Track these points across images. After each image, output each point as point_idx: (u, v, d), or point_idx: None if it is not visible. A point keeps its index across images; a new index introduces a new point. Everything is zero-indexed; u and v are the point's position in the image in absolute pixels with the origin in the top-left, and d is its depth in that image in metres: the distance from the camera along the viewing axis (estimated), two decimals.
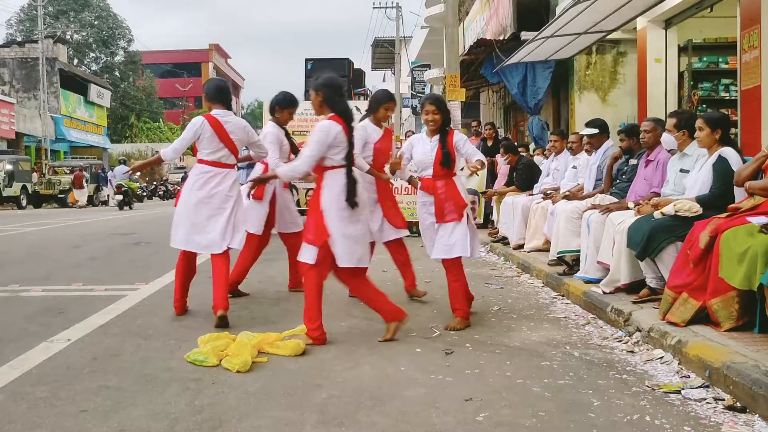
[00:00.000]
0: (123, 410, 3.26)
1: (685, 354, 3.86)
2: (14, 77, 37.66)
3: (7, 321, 5.26)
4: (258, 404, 3.34)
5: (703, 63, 10.30)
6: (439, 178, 5.14)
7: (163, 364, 4.03)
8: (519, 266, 7.85)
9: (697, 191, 4.95)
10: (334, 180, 4.45)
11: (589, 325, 5.02)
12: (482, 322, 5.16)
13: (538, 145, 12.41)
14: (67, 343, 4.51)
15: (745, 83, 7.64)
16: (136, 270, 7.91)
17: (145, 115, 55.09)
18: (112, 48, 51.81)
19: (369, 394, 3.46)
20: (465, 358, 4.12)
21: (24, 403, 3.38)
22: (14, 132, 32.54)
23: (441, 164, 5.09)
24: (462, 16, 19.80)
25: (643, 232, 4.87)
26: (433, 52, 28.46)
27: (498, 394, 3.45)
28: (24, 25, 47.68)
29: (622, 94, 12.54)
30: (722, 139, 4.95)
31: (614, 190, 6.48)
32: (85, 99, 40.91)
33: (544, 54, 11.54)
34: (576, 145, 8.00)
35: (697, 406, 3.28)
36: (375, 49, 39.17)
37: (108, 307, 5.66)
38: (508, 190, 9.90)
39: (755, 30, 7.32)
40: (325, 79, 4.59)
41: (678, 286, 4.38)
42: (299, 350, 4.20)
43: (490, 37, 14.84)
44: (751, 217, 4.19)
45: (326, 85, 4.52)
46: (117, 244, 10.92)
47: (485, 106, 22.25)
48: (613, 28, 9.88)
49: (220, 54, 69.76)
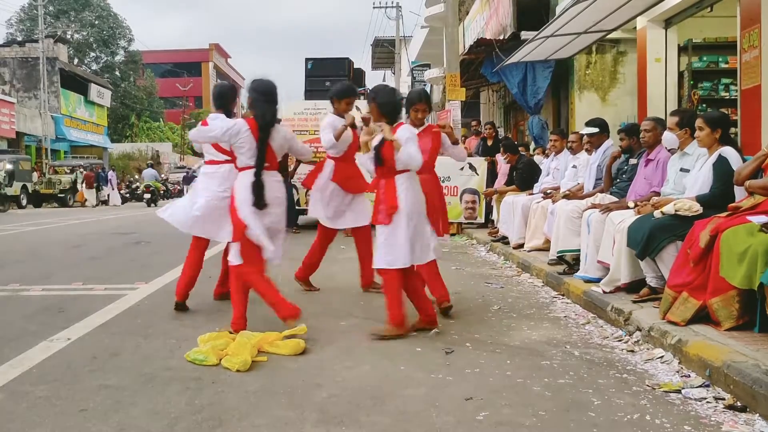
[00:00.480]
0: (123, 409, 3.26)
1: (685, 353, 3.86)
2: (15, 77, 37.65)
3: (7, 320, 5.27)
4: (258, 403, 3.34)
5: (703, 62, 10.30)
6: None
7: (163, 363, 4.03)
8: (519, 265, 7.85)
9: (697, 190, 4.95)
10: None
11: (590, 325, 5.02)
12: (482, 321, 5.16)
13: (538, 145, 12.41)
14: (67, 342, 4.51)
15: (745, 83, 7.64)
16: (136, 269, 7.90)
17: (146, 115, 55.10)
18: (112, 47, 51.78)
19: (369, 394, 3.45)
20: (465, 358, 4.12)
21: (24, 402, 3.38)
22: (14, 131, 32.55)
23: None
24: (462, 16, 19.80)
25: (644, 231, 4.87)
26: (433, 51, 28.45)
27: (498, 393, 3.45)
28: (24, 24, 47.66)
29: (622, 94, 12.54)
30: (722, 139, 4.95)
31: (614, 189, 6.48)
32: (86, 98, 40.90)
33: (544, 53, 11.54)
34: (576, 144, 8.01)
35: (697, 405, 3.28)
36: (375, 49, 39.17)
37: (108, 307, 5.66)
38: (508, 190, 9.90)
39: (755, 29, 7.32)
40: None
41: (678, 286, 4.38)
42: (299, 349, 4.20)
43: (490, 37, 14.85)
44: (751, 216, 4.18)
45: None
46: (117, 244, 10.92)
47: (485, 106, 22.26)
48: (612, 27, 9.88)
49: (221, 54, 69.74)
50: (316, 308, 5.60)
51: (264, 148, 4.70)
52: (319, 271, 6.47)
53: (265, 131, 4.71)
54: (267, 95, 4.76)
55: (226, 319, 5.14)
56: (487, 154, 12.16)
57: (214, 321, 5.04)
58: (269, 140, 4.75)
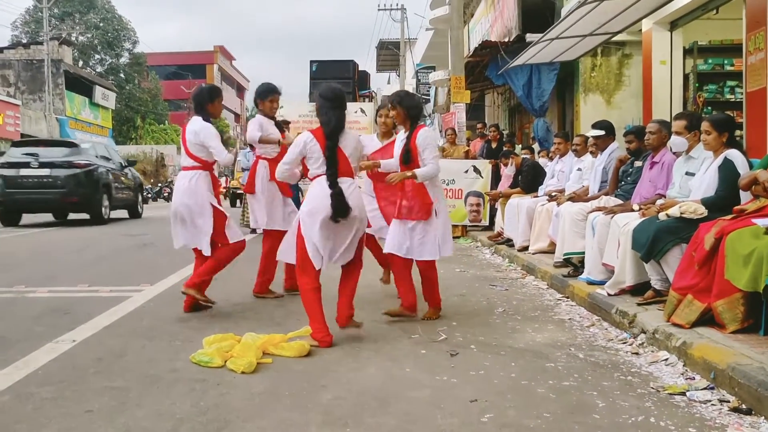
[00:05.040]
0: (128, 411, 3.27)
1: (690, 356, 3.85)
2: (20, 79, 37.74)
3: (13, 322, 5.28)
4: (263, 405, 3.35)
5: (708, 65, 10.29)
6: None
7: (169, 365, 4.04)
8: (524, 268, 7.84)
9: (702, 193, 4.94)
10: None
11: (594, 327, 5.02)
12: (487, 323, 5.16)
13: (543, 147, 12.41)
14: (72, 344, 4.52)
15: (751, 85, 7.63)
16: (141, 271, 7.92)
17: (151, 117, 55.17)
18: (117, 50, 51.90)
19: (374, 396, 3.46)
20: (470, 360, 4.12)
21: (30, 403, 3.39)
22: (19, 133, 32.61)
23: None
24: (467, 18, 19.82)
25: (648, 233, 4.87)
26: (438, 54, 28.49)
27: (503, 395, 3.45)
28: (29, 26, 47.80)
29: (627, 96, 12.53)
30: (728, 142, 4.95)
31: (619, 192, 6.47)
32: (90, 101, 41.00)
33: (549, 56, 11.54)
34: (580, 147, 8.01)
35: (702, 407, 3.27)
36: (380, 51, 39.23)
37: (113, 308, 5.67)
38: (513, 192, 9.90)
39: (761, 32, 7.32)
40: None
41: (683, 288, 4.37)
42: (304, 351, 4.21)
43: (495, 39, 14.87)
44: (756, 219, 4.18)
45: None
46: (122, 246, 10.95)
47: (490, 108, 22.26)
48: (618, 30, 9.89)
49: (225, 56, 69.88)
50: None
51: (334, 155, 4.57)
52: (322, 274, 6.41)
53: (332, 138, 4.59)
54: (333, 101, 4.66)
55: (232, 320, 5.17)
56: (491, 157, 12.16)
57: (219, 323, 5.05)
58: (339, 146, 4.61)
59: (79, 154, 15.03)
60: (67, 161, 14.63)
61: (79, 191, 14.65)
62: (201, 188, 5.45)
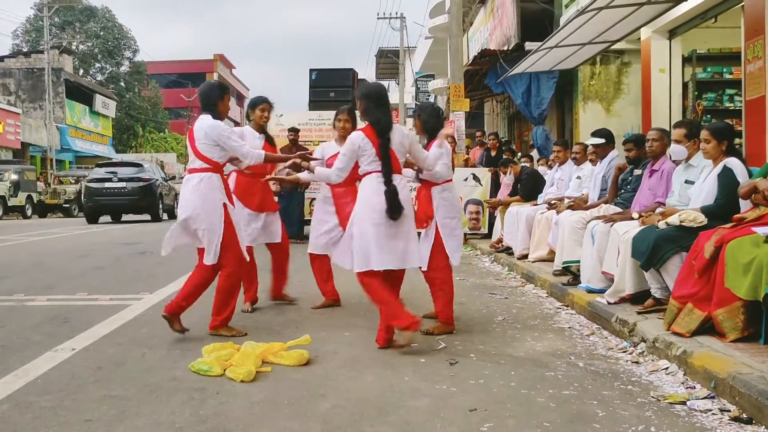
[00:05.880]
0: (127, 420, 3.26)
1: (690, 365, 3.84)
2: (20, 87, 37.87)
3: (12, 330, 5.27)
4: (262, 414, 3.34)
5: (707, 73, 10.32)
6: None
7: (168, 373, 4.03)
8: (523, 276, 7.84)
9: (701, 202, 4.94)
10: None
11: (594, 336, 5.01)
12: (486, 332, 5.15)
13: (542, 155, 12.42)
14: (71, 353, 4.51)
15: (750, 93, 7.65)
16: (141, 280, 7.92)
17: (151, 125, 55.25)
18: (117, 58, 52.05)
19: (373, 404, 3.45)
20: (469, 369, 4.11)
21: (29, 412, 3.38)
22: (20, 142, 32.71)
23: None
24: (466, 27, 19.88)
25: (648, 242, 4.86)
26: (437, 62, 28.57)
27: (502, 404, 3.44)
28: (30, 35, 47.93)
29: (626, 105, 12.57)
30: (727, 150, 4.95)
31: (618, 200, 6.48)
32: (91, 109, 41.11)
33: (548, 64, 11.58)
34: (580, 155, 8.02)
35: (702, 417, 3.26)
36: (379, 60, 39.35)
37: (113, 317, 5.67)
38: (512, 200, 9.90)
39: (760, 40, 7.34)
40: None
41: (683, 297, 4.37)
42: (303, 360, 4.20)
43: (495, 47, 14.92)
44: (756, 227, 4.17)
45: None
46: (122, 254, 10.94)
47: (489, 116, 22.32)
48: (617, 38, 9.92)
49: (225, 64, 69.99)
50: (320, 319, 5.61)
51: (388, 153, 4.57)
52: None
53: (384, 136, 4.58)
54: (378, 100, 4.66)
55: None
56: (490, 165, 12.18)
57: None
58: (390, 144, 4.60)
59: (144, 171, 20.78)
60: (136, 177, 20.37)
61: (146, 199, 20.47)
62: (211, 191, 4.93)
